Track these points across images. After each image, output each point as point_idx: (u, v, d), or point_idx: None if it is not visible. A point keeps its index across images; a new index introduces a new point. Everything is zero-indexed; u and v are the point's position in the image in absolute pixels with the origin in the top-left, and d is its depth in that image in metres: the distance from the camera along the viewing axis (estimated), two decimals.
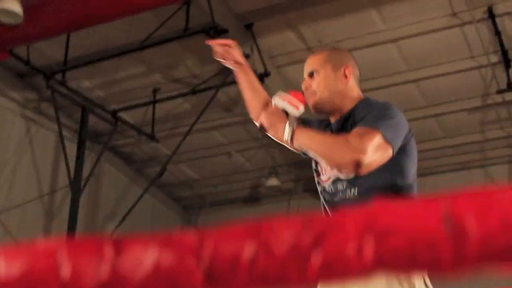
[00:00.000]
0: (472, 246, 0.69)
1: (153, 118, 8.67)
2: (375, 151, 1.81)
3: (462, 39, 7.09)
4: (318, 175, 2.11)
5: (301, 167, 10.03)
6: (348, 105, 2.08)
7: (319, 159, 2.02)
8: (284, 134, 1.96)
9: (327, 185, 2.05)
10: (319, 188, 2.11)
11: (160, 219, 11.02)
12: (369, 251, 0.73)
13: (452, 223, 0.70)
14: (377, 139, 1.83)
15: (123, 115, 8.71)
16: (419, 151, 2.15)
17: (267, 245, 0.79)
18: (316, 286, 1.81)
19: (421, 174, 9.01)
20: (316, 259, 0.75)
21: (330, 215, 1.85)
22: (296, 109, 1.97)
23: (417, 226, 0.72)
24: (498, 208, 0.70)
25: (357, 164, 1.78)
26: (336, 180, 2.02)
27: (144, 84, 8.26)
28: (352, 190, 1.97)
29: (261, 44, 7.18)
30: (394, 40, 7.11)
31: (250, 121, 9.14)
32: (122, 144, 9.77)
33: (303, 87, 2.14)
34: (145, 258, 0.81)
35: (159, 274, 0.81)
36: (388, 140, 1.85)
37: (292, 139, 1.94)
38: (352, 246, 0.74)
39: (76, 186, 7.52)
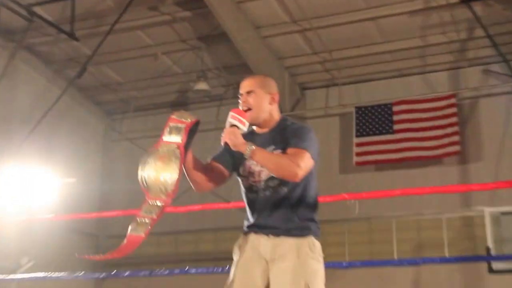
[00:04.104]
0: None
1: (73, 15, 7.99)
2: (306, 165, 2.61)
3: None
4: (247, 178, 2.77)
5: (233, 72, 9.43)
6: (272, 122, 2.82)
7: (267, 171, 2.69)
8: (245, 152, 2.54)
9: (260, 183, 2.73)
10: (245, 186, 2.79)
11: (80, 124, 10.28)
12: None
13: None
14: (307, 157, 2.61)
15: (39, 10, 8.03)
16: (355, 56, 2.00)
17: None
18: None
19: (357, 80, 8.62)
20: None
21: (257, 205, 2.69)
22: (244, 126, 2.61)
23: None
24: None
25: (296, 175, 2.57)
26: (270, 179, 2.71)
27: None
28: (284, 187, 2.71)
29: None
30: None
31: (177, 20, 8.56)
32: (39, 42, 9.05)
33: (241, 101, 2.76)
34: None
35: None
36: (312, 157, 2.64)
37: (251, 156, 2.55)
38: None
39: None
